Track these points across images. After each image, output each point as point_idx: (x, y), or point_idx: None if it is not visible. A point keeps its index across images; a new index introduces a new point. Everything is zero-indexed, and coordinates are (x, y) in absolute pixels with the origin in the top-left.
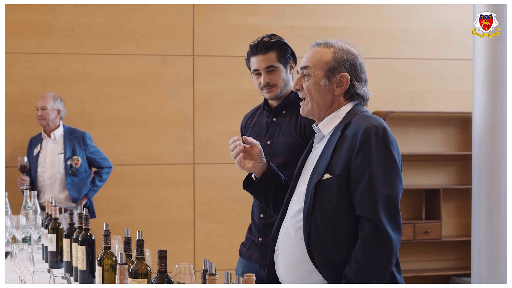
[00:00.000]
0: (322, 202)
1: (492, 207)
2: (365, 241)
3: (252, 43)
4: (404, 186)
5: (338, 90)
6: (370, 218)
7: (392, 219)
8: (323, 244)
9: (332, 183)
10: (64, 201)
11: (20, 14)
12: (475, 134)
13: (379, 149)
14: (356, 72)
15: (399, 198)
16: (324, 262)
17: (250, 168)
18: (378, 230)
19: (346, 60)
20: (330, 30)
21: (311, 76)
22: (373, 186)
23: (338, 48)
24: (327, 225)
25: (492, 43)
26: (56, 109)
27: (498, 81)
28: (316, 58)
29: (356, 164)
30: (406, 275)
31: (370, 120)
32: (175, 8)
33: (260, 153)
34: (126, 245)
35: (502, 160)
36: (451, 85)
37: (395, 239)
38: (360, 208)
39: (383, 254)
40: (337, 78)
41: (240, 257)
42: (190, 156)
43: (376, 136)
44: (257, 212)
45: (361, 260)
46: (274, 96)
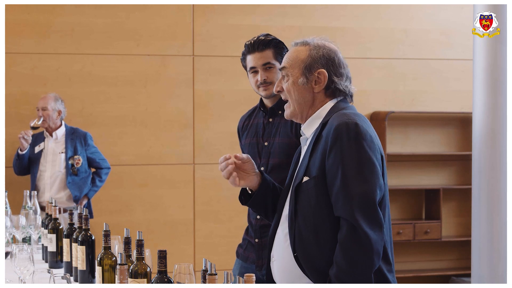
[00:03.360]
0: (303, 205)
1: (492, 207)
2: (342, 242)
3: (248, 42)
4: (404, 186)
5: (317, 88)
6: (346, 218)
7: (369, 217)
8: (307, 248)
9: (310, 185)
10: (64, 201)
11: (20, 14)
12: (475, 134)
13: (351, 146)
14: (334, 68)
15: (376, 195)
16: (310, 267)
17: (245, 184)
18: (354, 230)
19: (322, 56)
20: (330, 30)
21: (289, 76)
22: (347, 185)
23: (314, 45)
24: (309, 228)
25: (492, 43)
26: (57, 110)
27: (498, 81)
28: (292, 58)
29: (330, 163)
30: (406, 275)
31: (342, 117)
32: (175, 8)
33: (253, 166)
34: (126, 245)
35: (502, 160)
36: (451, 85)
37: (375, 237)
38: (336, 208)
39: (361, 254)
40: (314, 75)
41: (237, 258)
42: (190, 156)
43: (348, 133)
44: (253, 214)
45: (341, 262)
46: (271, 94)
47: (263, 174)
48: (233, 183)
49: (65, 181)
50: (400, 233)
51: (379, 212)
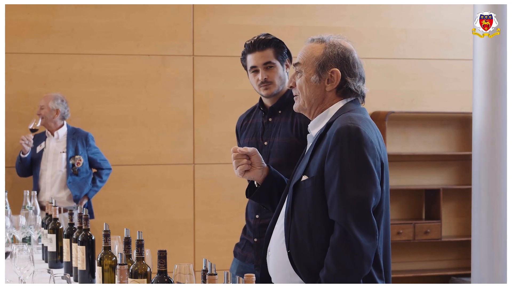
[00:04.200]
0: (299, 204)
1: (492, 207)
2: (333, 246)
3: (248, 42)
4: (404, 186)
5: (329, 86)
6: (339, 222)
7: (361, 223)
8: (300, 247)
9: (307, 185)
10: (65, 201)
11: (20, 14)
12: (475, 134)
13: (351, 151)
14: (348, 67)
15: (371, 202)
16: (302, 266)
17: (250, 175)
18: (346, 235)
19: (337, 55)
20: (330, 30)
21: (302, 72)
22: (343, 189)
23: (329, 43)
24: (303, 228)
25: (492, 43)
26: (55, 109)
27: (498, 81)
28: (307, 54)
29: (328, 166)
30: (406, 275)
31: (346, 120)
32: (175, 8)
33: (260, 160)
34: (126, 245)
35: (502, 160)
36: (451, 85)
37: (366, 244)
38: (331, 211)
39: (352, 259)
40: (327, 74)
41: (235, 257)
42: (190, 156)
43: (349, 137)
44: (252, 213)
45: (331, 266)
46: (271, 93)
47: (270, 168)
48: (242, 173)
49: (65, 181)
50: (400, 233)
51: (373, 219)
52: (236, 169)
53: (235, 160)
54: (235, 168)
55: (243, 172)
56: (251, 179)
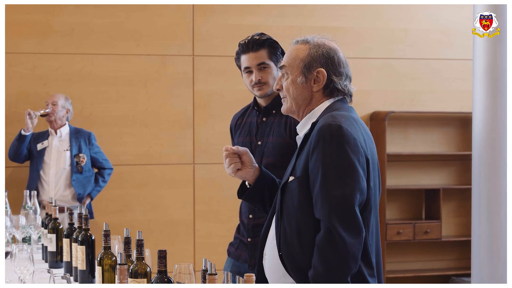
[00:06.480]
0: (287, 205)
1: (492, 207)
2: (319, 244)
3: (242, 42)
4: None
5: (316, 87)
6: (323, 221)
7: (345, 221)
8: (290, 248)
9: (294, 185)
10: (69, 200)
11: (20, 14)
12: (475, 134)
13: (332, 149)
14: (334, 67)
15: (355, 199)
16: (294, 267)
17: (242, 175)
18: (330, 234)
19: (322, 55)
20: (330, 30)
21: (288, 74)
22: (325, 188)
23: (314, 44)
24: (292, 228)
25: (492, 43)
26: (66, 108)
27: (498, 81)
28: (292, 56)
29: (311, 165)
30: (406, 275)
31: (328, 119)
32: (175, 8)
33: (251, 160)
34: (126, 245)
35: (502, 160)
36: (451, 85)
37: (351, 241)
38: (315, 210)
39: (337, 257)
40: (313, 74)
41: (229, 256)
42: (190, 156)
43: (330, 136)
44: (245, 213)
45: (317, 265)
46: (265, 94)
47: (262, 169)
48: (234, 172)
49: (70, 179)
50: (400, 233)
51: (358, 216)
52: (228, 167)
53: (227, 158)
54: (227, 167)
55: (235, 171)
56: (242, 178)
